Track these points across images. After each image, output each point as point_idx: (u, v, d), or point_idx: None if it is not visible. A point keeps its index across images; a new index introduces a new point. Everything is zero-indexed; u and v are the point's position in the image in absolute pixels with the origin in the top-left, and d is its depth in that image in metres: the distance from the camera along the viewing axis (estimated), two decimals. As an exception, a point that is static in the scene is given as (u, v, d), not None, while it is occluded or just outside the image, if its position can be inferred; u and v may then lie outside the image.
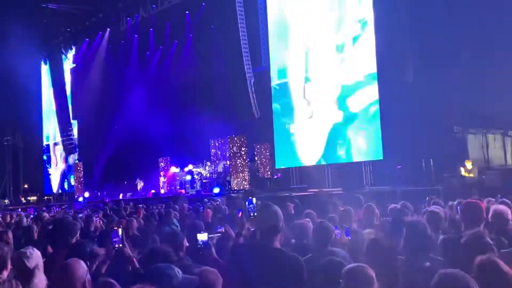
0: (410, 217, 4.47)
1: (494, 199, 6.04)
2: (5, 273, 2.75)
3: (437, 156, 13.21)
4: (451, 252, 3.44)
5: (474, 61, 12.69)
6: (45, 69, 30.87)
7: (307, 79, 17.09)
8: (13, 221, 10.42)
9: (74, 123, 28.44)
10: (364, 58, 15.25)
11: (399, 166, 13.86)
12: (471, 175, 11.87)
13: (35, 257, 2.99)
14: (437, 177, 12.81)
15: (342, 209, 5.63)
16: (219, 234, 5.42)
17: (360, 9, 15.53)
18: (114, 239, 3.29)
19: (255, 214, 3.31)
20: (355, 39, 15.63)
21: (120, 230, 3.34)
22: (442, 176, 12.53)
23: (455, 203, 5.82)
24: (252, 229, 4.05)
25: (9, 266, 2.66)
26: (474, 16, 12.62)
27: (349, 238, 4.59)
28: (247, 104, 18.30)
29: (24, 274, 2.92)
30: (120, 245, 3.30)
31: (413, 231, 3.36)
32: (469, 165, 12.02)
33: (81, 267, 2.71)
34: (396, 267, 3.16)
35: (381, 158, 14.54)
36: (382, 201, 9.35)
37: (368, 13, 15.24)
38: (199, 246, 3.54)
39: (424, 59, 14.07)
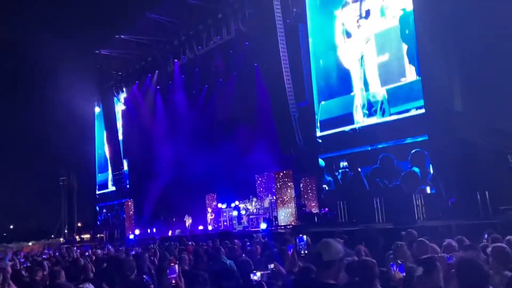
0: (464, 253, 4.30)
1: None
2: None
3: (492, 188, 12.63)
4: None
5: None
6: (98, 112, 32.42)
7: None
8: (69, 259, 10.83)
9: (125, 162, 29.43)
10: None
11: (453, 200, 13.32)
12: None
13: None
14: (494, 210, 12.22)
15: (395, 245, 5.50)
16: (269, 272, 5.41)
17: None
18: (171, 275, 3.41)
19: (306, 252, 3.31)
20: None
21: (176, 266, 3.46)
22: (499, 209, 11.95)
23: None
24: (302, 266, 4.04)
25: None
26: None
27: (404, 274, 4.47)
28: (291, 139, 18.36)
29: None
30: (177, 281, 3.42)
31: (468, 268, 3.26)
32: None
33: None
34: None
35: (433, 191, 14.08)
36: (437, 236, 9.01)
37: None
38: (252, 284, 3.59)
39: (473, 86, 13.67)
